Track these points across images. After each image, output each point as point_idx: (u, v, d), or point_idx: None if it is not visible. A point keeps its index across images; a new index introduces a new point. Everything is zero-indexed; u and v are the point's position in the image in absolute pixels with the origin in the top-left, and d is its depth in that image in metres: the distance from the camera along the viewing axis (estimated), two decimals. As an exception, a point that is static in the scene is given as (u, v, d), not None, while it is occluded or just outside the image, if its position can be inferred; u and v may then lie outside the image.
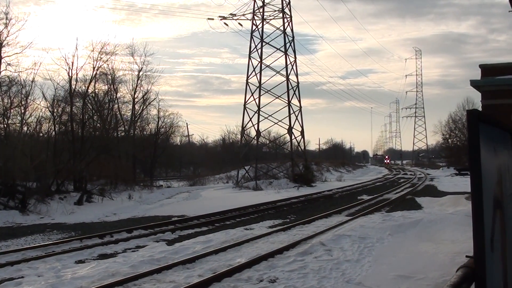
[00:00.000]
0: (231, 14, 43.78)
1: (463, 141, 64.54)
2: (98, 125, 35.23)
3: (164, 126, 48.99)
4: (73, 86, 31.61)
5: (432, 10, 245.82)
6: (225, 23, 43.84)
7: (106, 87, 37.49)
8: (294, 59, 43.57)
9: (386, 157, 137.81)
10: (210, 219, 19.26)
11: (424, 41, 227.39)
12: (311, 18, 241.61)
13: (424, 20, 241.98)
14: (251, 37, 43.64)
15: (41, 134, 30.70)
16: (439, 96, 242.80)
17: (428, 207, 22.20)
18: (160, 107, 46.43)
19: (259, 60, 42.97)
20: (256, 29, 43.58)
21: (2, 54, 26.90)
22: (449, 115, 79.51)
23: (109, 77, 37.53)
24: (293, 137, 43.65)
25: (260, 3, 43.47)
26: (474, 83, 19.21)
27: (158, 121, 47.11)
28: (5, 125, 27.65)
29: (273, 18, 44.00)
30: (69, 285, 9.16)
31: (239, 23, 44.11)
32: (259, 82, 42.71)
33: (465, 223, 14.50)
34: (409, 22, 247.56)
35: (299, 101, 43.70)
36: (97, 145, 31.77)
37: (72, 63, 31.46)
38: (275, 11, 43.81)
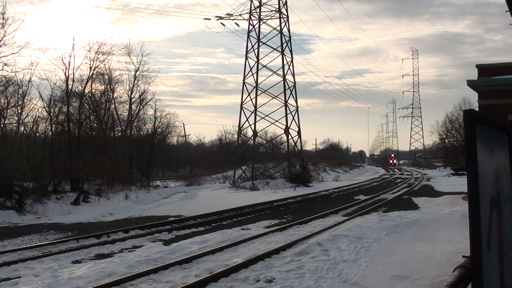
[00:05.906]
0: (228, 14, 43.82)
1: (459, 141, 64.74)
2: (95, 125, 35.19)
3: (161, 126, 49.07)
4: (70, 86, 31.57)
5: (428, 10, 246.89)
6: (221, 23, 43.88)
7: (103, 87, 37.50)
8: (290, 59, 43.63)
9: (392, 155, 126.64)
10: (207, 219, 19.25)
11: (420, 41, 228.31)
12: (307, 17, 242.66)
13: (420, 20, 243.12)
14: (248, 37, 43.69)
15: (37, 134, 30.66)
16: (436, 96, 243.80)
17: (424, 207, 22.22)
18: (156, 107, 46.60)
19: (255, 60, 43.03)
20: (253, 29, 43.66)
21: (-1, 54, 26.83)
22: (446, 115, 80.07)
23: (106, 77, 37.53)
24: (289, 137, 43.71)
25: (256, 3, 43.56)
26: (471, 83, 19.20)
27: (155, 121, 47.25)
28: (2, 125, 27.58)
29: (270, 18, 44.06)
30: (65, 285, 9.14)
31: (235, 23, 44.18)
32: (256, 82, 42.77)
33: (461, 223, 14.55)
34: (405, 22, 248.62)
35: (296, 101, 43.73)
36: (93, 145, 31.74)
37: (69, 63, 31.43)
38: (272, 11, 43.87)
